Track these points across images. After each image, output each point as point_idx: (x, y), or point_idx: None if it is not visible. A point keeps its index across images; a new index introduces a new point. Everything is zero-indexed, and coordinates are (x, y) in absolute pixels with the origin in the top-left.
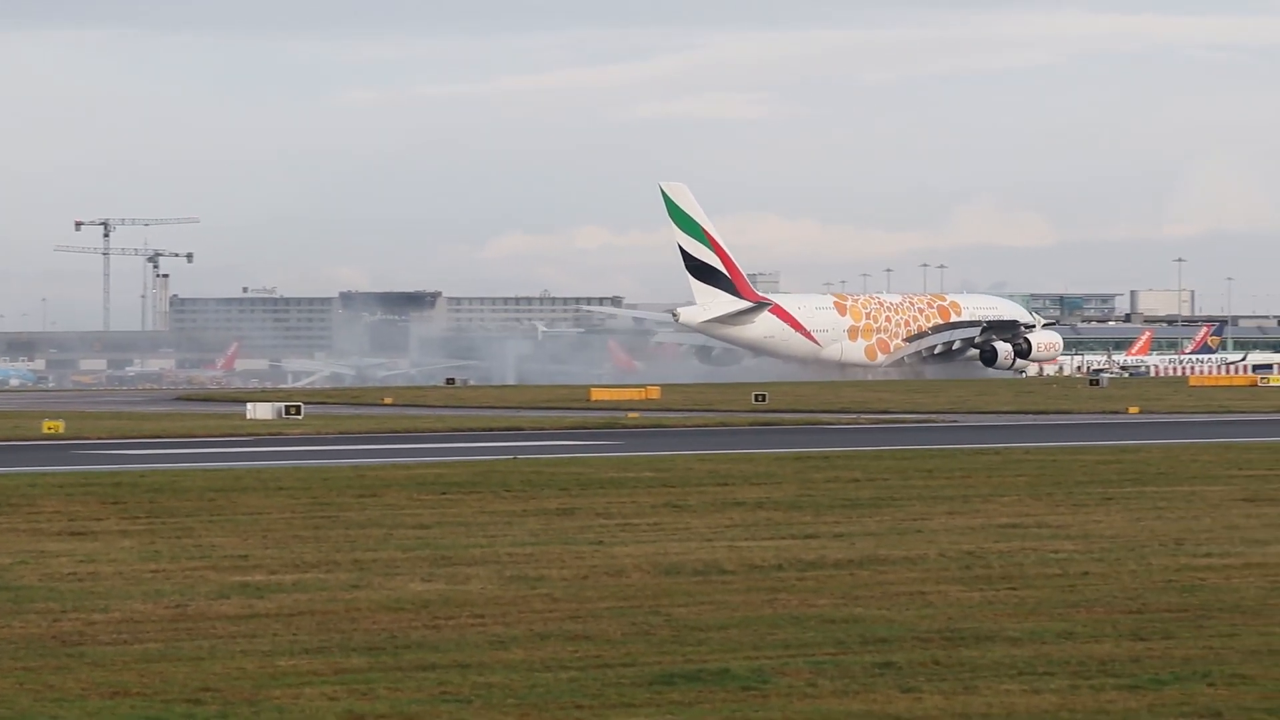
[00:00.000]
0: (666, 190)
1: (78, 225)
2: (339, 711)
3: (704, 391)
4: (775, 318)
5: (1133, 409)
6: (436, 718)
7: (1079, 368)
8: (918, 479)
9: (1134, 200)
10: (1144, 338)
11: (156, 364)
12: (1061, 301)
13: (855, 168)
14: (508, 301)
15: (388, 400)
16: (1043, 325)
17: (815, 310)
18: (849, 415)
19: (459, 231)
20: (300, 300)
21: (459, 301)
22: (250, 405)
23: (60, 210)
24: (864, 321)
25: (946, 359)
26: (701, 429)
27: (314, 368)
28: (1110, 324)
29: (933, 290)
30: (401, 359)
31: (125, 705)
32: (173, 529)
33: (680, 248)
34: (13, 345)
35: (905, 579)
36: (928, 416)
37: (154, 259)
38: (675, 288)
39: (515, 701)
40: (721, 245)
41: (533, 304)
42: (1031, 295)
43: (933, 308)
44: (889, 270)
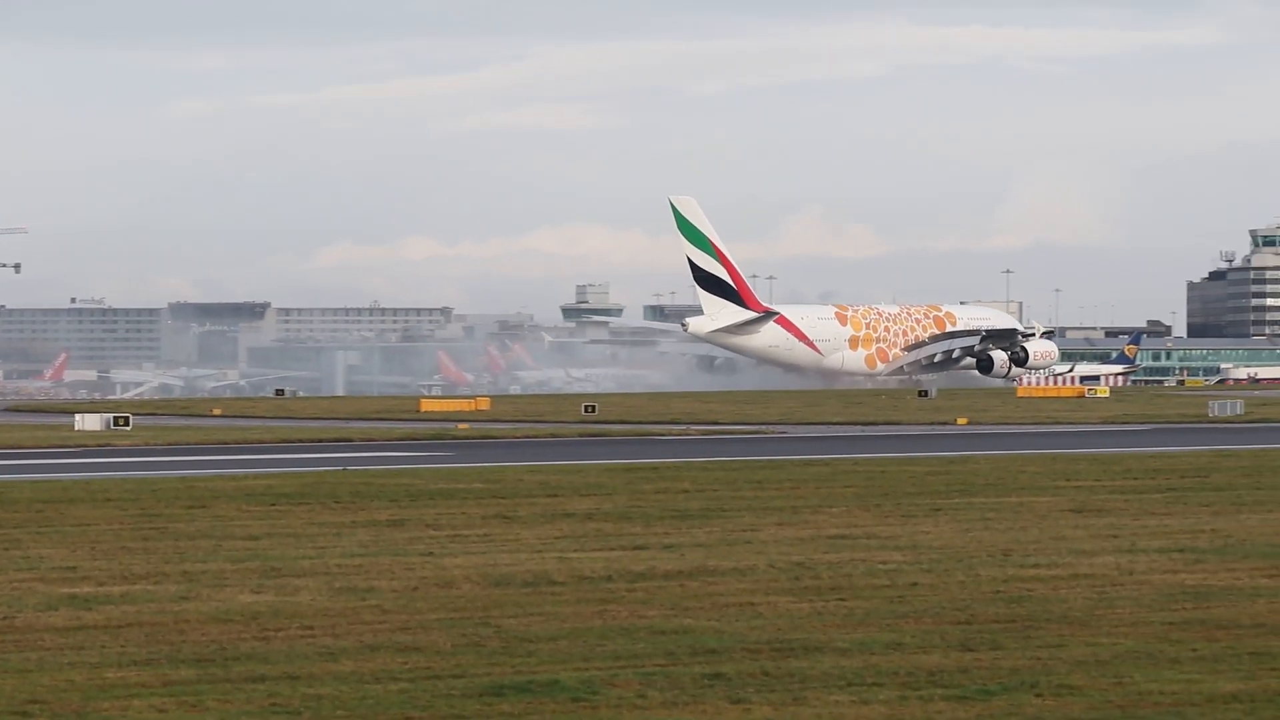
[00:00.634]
0: (676, 204)
1: None
2: None
3: (534, 403)
4: (780, 328)
5: (961, 420)
6: None
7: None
8: (747, 490)
9: (961, 212)
10: None
11: None
12: None
13: (683, 178)
14: (337, 312)
15: (217, 411)
16: (1041, 334)
17: (818, 320)
18: (679, 427)
19: (288, 242)
20: (129, 311)
21: (288, 312)
22: (79, 416)
23: None
24: (864, 331)
25: (944, 367)
26: (531, 440)
27: (143, 378)
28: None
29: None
30: (231, 370)
31: None
32: (0, 541)
33: (688, 259)
34: None
35: (735, 590)
36: (757, 428)
37: None
38: (507, 298)
39: (345, 713)
40: (728, 257)
41: (362, 314)
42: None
43: (929, 318)
44: None
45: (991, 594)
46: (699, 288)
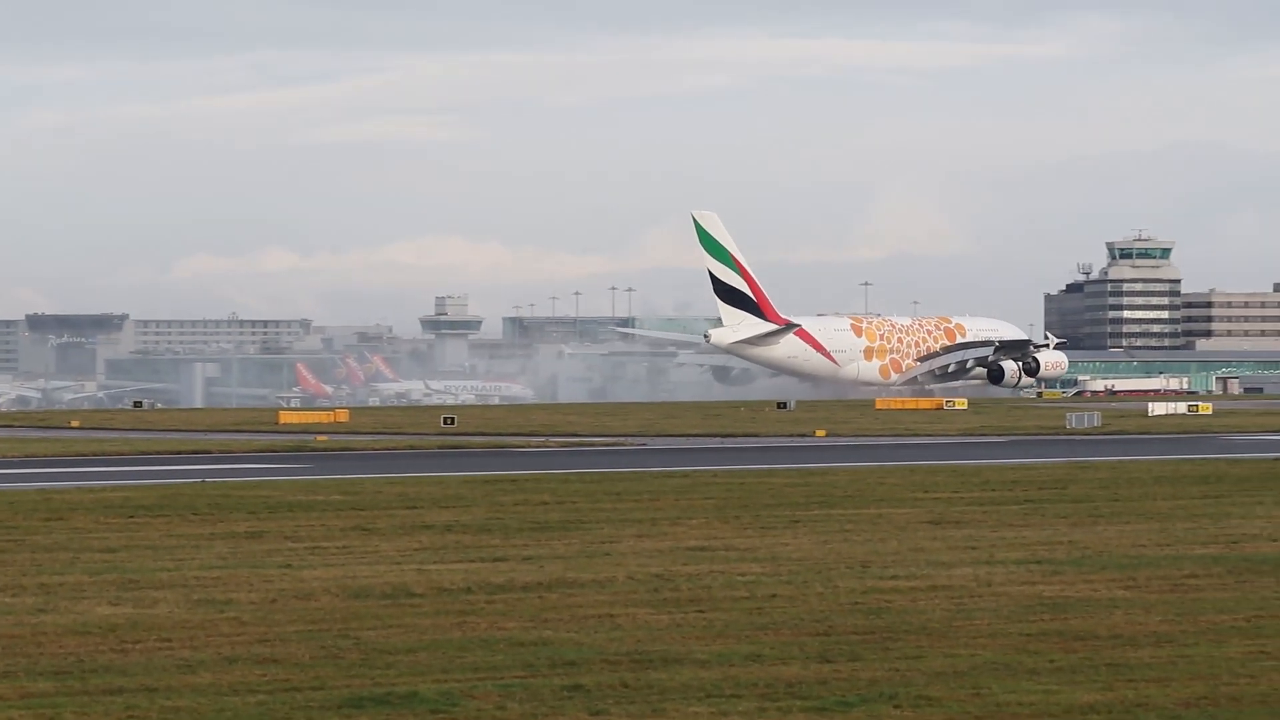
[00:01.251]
0: (698, 218)
1: None
2: None
3: (392, 415)
4: (799, 339)
5: (820, 432)
6: None
7: None
8: (606, 502)
9: (819, 224)
10: None
11: None
12: None
13: (542, 190)
14: (196, 324)
15: (75, 423)
16: (1055, 345)
17: (835, 332)
18: (538, 439)
19: (145, 253)
20: None
21: (147, 324)
22: None
23: None
24: (878, 342)
25: (956, 377)
26: (390, 452)
27: None
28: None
29: (618, 313)
30: (89, 381)
31: None
32: None
33: (710, 272)
34: None
35: (594, 602)
36: (616, 440)
37: None
38: (366, 310)
39: None
40: (749, 271)
41: (220, 326)
42: (718, 319)
43: (940, 329)
44: (577, 293)
45: (850, 606)
46: (719, 300)
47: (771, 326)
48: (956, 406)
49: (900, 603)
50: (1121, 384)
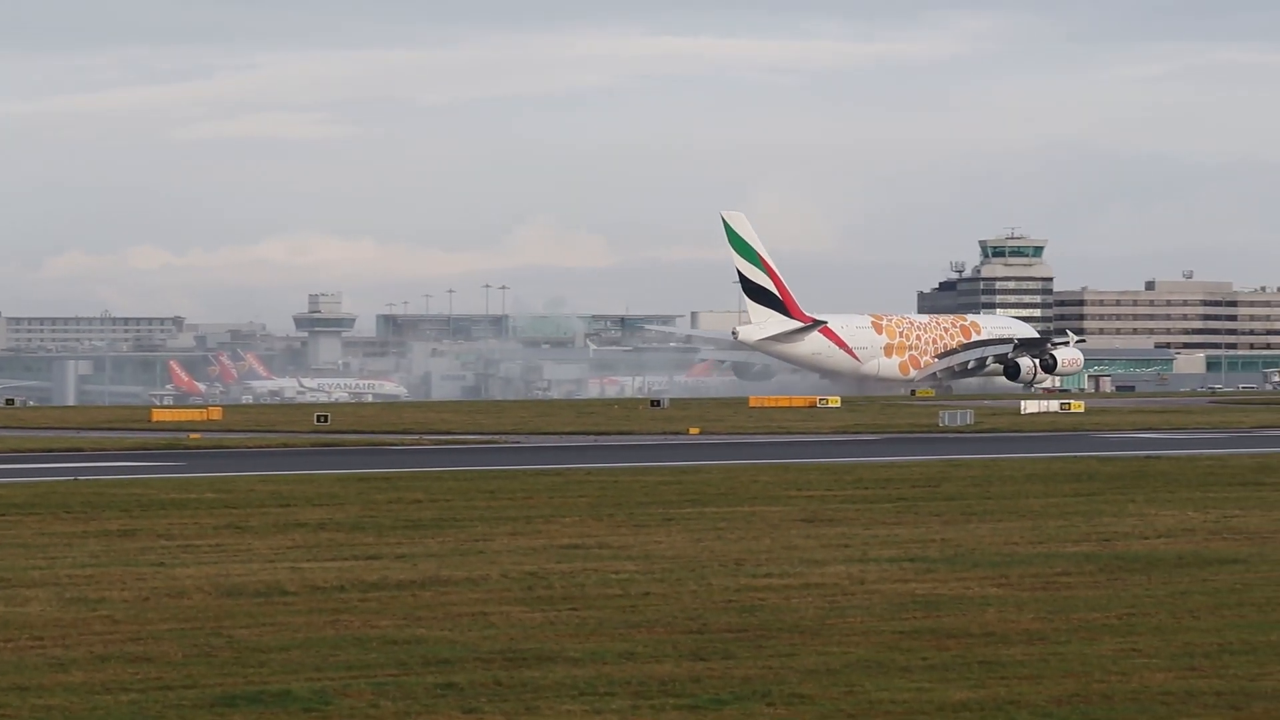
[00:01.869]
0: (727, 219)
1: None
2: None
3: (265, 412)
4: (823, 337)
5: (693, 430)
6: None
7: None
8: (480, 500)
9: (693, 222)
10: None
11: None
12: (623, 322)
13: (415, 188)
14: (68, 321)
15: None
16: (1075, 342)
17: (857, 329)
18: (411, 436)
19: (16, 251)
20: None
21: (18, 321)
22: None
23: None
24: (898, 339)
25: (974, 373)
26: (264, 450)
27: None
28: (673, 345)
29: (494, 310)
30: None
31: None
32: None
33: (738, 270)
34: None
35: (468, 600)
36: (490, 438)
37: None
38: (239, 308)
39: None
40: (775, 270)
41: (93, 324)
42: (593, 316)
43: (956, 327)
44: (451, 291)
45: (724, 603)
46: (747, 298)
47: (797, 324)
48: (830, 404)
49: (773, 601)
50: None
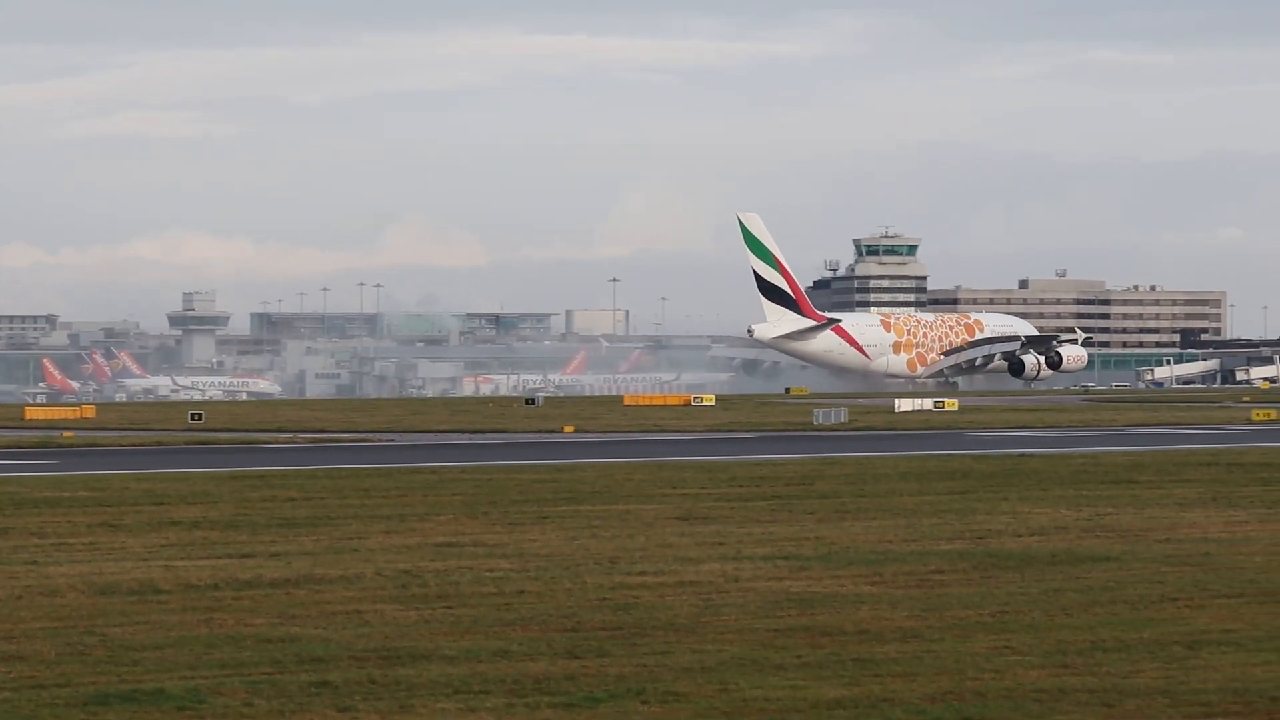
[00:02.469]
0: (743, 219)
1: None
2: None
3: (139, 410)
4: (834, 334)
5: (568, 428)
6: None
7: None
8: (354, 498)
9: (566, 221)
10: (579, 357)
11: None
12: (498, 321)
13: (289, 186)
14: None
15: None
16: (1082, 340)
17: (866, 327)
18: (286, 434)
19: None
20: None
21: None
22: None
23: None
24: (906, 337)
25: (979, 370)
26: (138, 448)
27: None
28: (547, 344)
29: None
30: None
31: None
32: None
33: (753, 270)
34: None
35: (342, 598)
36: (364, 436)
37: None
38: (112, 306)
39: None
40: (788, 270)
41: None
42: (467, 315)
43: (960, 325)
44: (325, 289)
45: (598, 601)
46: (763, 297)
47: (811, 322)
48: (704, 402)
49: (648, 599)
50: None
